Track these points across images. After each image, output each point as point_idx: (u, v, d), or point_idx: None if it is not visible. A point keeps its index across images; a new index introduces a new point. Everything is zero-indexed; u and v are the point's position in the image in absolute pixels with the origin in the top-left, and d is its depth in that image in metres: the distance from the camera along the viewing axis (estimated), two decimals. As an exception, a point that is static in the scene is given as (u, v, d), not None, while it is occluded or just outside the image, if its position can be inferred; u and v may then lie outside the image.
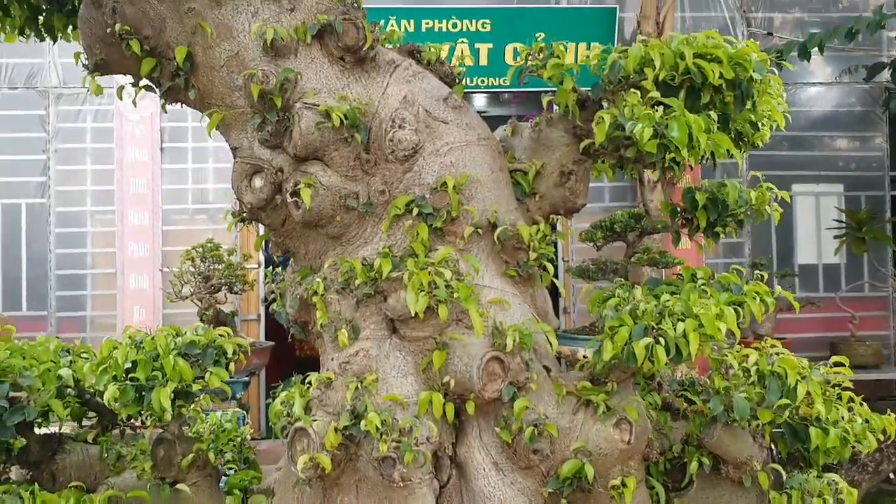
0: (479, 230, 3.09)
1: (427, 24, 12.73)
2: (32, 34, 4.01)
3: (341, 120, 2.98)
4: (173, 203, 10.48)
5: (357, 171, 3.12)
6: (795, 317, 9.92)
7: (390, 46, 3.46)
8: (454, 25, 12.81)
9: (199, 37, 3.06)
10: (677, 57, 3.04)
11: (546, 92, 3.50)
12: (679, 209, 3.76)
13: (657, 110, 2.95)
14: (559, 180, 3.39)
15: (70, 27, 4.06)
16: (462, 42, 12.82)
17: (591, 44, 13.29)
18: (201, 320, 7.68)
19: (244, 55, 3.07)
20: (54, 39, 3.95)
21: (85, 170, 10.39)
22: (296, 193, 3.02)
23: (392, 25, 12.04)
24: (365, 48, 3.13)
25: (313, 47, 3.14)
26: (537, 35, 12.98)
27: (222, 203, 10.58)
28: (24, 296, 10.17)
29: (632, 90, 3.09)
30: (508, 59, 13.01)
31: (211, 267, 9.23)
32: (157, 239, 10.43)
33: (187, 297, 8.83)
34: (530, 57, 3.33)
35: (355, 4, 3.21)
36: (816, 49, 8.58)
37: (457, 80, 3.54)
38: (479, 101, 13.05)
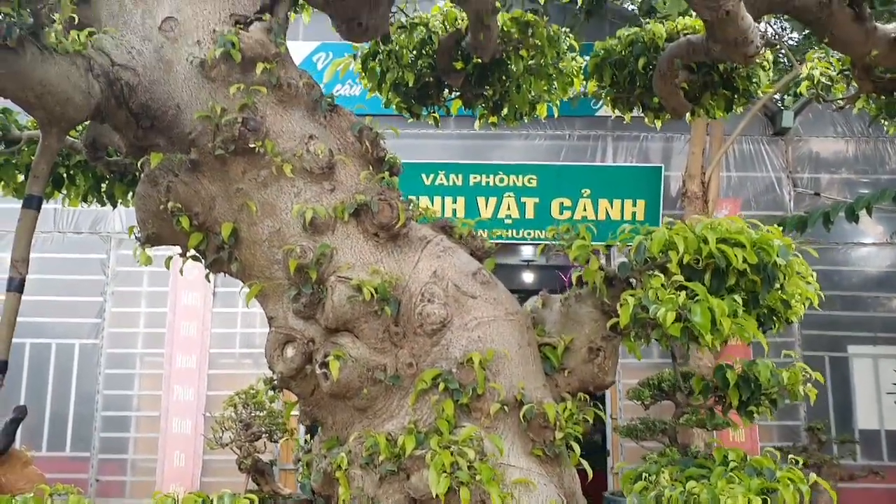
0: (506, 407, 3.10)
1: (475, 178, 13.22)
2: (94, 200, 4.31)
3: (372, 293, 3.09)
4: (221, 347, 10.67)
5: (386, 344, 3.20)
6: (859, 486, 9.42)
7: (425, 222, 3.61)
8: (501, 180, 13.26)
9: (244, 214, 3.26)
10: (700, 241, 3.12)
11: (577, 267, 3.59)
12: (711, 385, 3.72)
13: (680, 294, 3.00)
14: (588, 356, 3.42)
15: (130, 194, 4.36)
16: (509, 196, 13.23)
17: (637, 201, 13.58)
18: (240, 469, 7.64)
19: (285, 231, 3.25)
20: (114, 206, 4.23)
21: (139, 312, 10.73)
22: (325, 364, 3.10)
23: (441, 178, 12.52)
24: (398, 226, 3.28)
25: (350, 224, 3.31)
26: (582, 191, 13.29)
27: (268, 349, 10.73)
28: (69, 436, 10.28)
29: (656, 272, 3.15)
30: (554, 212, 13.35)
31: (252, 414, 9.27)
32: (203, 383, 10.56)
33: (227, 445, 8.80)
34: (557, 236, 3.44)
35: (391, 185, 3.40)
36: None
37: (488, 254, 3.66)
38: (527, 251, 13.27)
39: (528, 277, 14.25)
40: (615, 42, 4.50)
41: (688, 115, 4.72)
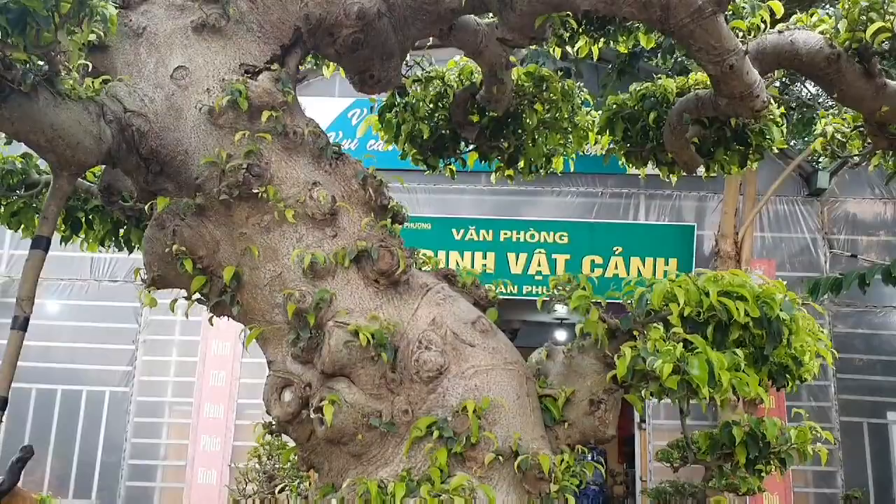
0: (500, 457, 3.05)
1: (505, 234, 13.23)
2: (112, 245, 4.41)
3: (368, 339, 3.09)
4: (249, 397, 10.69)
5: (382, 390, 3.18)
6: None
7: (428, 270, 3.62)
8: (532, 237, 13.25)
9: (247, 258, 3.30)
10: (702, 294, 3.08)
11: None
12: (719, 442, 3.62)
13: (678, 346, 2.95)
14: (589, 409, 3.36)
15: (148, 240, 4.45)
16: (540, 252, 13.20)
17: (669, 260, 13.44)
18: (263, 521, 7.62)
19: (286, 276, 3.28)
20: (130, 251, 4.32)
21: (169, 361, 10.83)
22: (320, 409, 3.09)
23: (472, 234, 12.56)
24: (398, 272, 3.30)
25: (351, 270, 3.33)
26: (614, 249, 13.20)
27: (294, 400, 10.73)
28: (95, 484, 10.33)
29: (655, 325, 3.11)
30: (586, 269, 13.26)
31: (276, 465, 9.22)
32: (230, 433, 10.56)
33: (251, 496, 8.77)
34: (558, 287, 3.42)
35: (393, 233, 3.43)
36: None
37: (491, 304, 3.64)
38: (561, 309, 13.15)
39: (560, 335, 14.11)
40: (627, 97, 4.52)
41: (702, 169, 4.70)
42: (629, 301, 3.38)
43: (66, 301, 10.38)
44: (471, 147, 5.17)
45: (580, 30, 4.20)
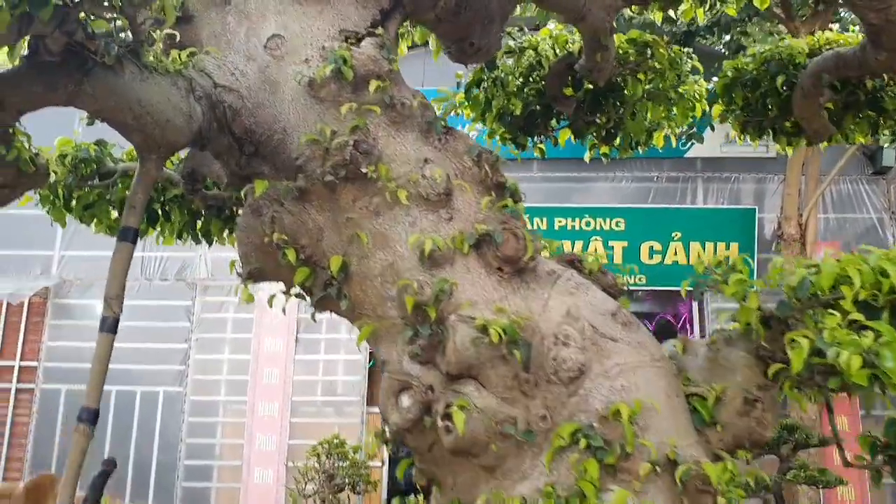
0: (657, 467, 2.66)
1: (560, 222, 12.80)
2: (189, 237, 4.08)
3: (500, 335, 2.72)
4: (303, 395, 10.44)
5: (515, 393, 2.80)
6: None
7: (548, 256, 3.24)
8: (587, 224, 12.80)
9: (354, 246, 2.94)
10: (878, 274, 2.67)
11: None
12: (879, 444, 3.19)
13: (865, 335, 2.54)
14: (743, 408, 2.94)
15: (226, 231, 4.12)
16: (596, 240, 12.75)
17: (730, 244, 12.92)
18: (323, 522, 7.31)
19: (399, 265, 2.92)
20: (210, 243, 3.99)
21: (222, 359, 10.60)
22: (447, 416, 2.72)
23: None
24: (525, 259, 2.92)
25: (470, 257, 2.96)
26: (673, 234, 12.71)
27: (350, 396, 10.45)
28: (151, 485, 10.12)
29: (830, 312, 2.70)
30: (644, 257, 12.78)
31: (336, 464, 8.89)
32: (285, 431, 10.31)
33: (310, 496, 8.47)
34: (707, 270, 3.02)
35: (515, 213, 3.04)
36: None
37: (622, 292, 3.25)
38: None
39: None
40: (748, 60, 4.08)
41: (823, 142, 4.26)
42: (782, 286, 2.97)
43: (118, 300, 10.17)
44: (563, 123, 4.76)
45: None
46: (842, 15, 12.33)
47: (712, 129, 10.04)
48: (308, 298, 3.09)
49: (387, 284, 2.93)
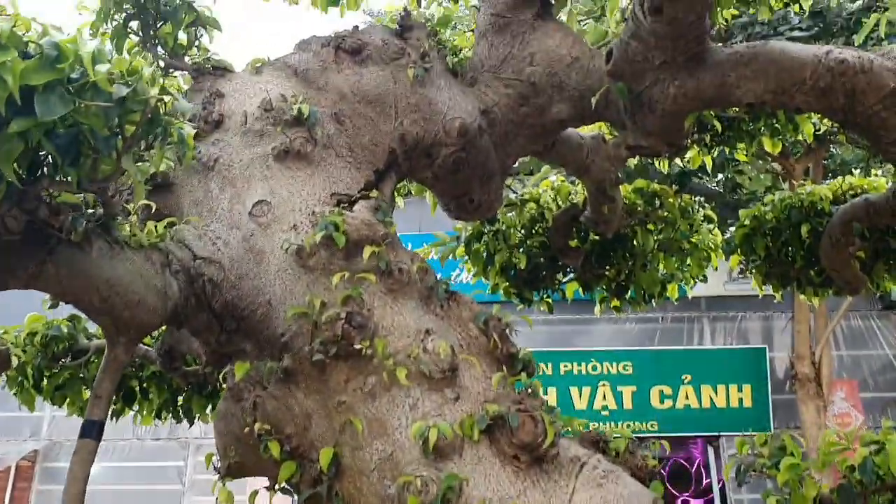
0: None
1: (566, 367, 12.37)
2: (170, 416, 3.71)
3: (520, 541, 2.31)
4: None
5: None
6: None
7: (570, 436, 2.86)
8: (594, 368, 12.37)
9: (347, 436, 2.58)
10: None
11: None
12: None
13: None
14: None
15: (210, 407, 3.76)
16: (604, 385, 12.28)
17: (742, 386, 12.44)
18: None
19: (399, 457, 2.53)
20: (191, 422, 3.62)
21: (213, 526, 9.88)
22: None
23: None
24: (545, 445, 2.54)
25: (481, 445, 2.58)
26: (683, 377, 12.23)
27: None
28: None
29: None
30: (654, 402, 12.27)
31: None
32: None
33: None
34: (752, 450, 2.65)
35: (531, 391, 2.69)
36: None
37: (653, 474, 2.85)
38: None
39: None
40: (766, 209, 3.85)
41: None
42: (843, 467, 2.59)
43: (108, 463, 9.57)
44: (570, 276, 4.50)
45: (711, 134, 3.61)
46: (833, 152, 12.43)
47: (715, 268, 9.83)
48: (293, 496, 2.69)
49: (385, 480, 2.53)
